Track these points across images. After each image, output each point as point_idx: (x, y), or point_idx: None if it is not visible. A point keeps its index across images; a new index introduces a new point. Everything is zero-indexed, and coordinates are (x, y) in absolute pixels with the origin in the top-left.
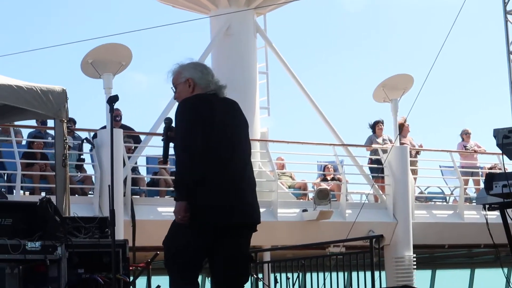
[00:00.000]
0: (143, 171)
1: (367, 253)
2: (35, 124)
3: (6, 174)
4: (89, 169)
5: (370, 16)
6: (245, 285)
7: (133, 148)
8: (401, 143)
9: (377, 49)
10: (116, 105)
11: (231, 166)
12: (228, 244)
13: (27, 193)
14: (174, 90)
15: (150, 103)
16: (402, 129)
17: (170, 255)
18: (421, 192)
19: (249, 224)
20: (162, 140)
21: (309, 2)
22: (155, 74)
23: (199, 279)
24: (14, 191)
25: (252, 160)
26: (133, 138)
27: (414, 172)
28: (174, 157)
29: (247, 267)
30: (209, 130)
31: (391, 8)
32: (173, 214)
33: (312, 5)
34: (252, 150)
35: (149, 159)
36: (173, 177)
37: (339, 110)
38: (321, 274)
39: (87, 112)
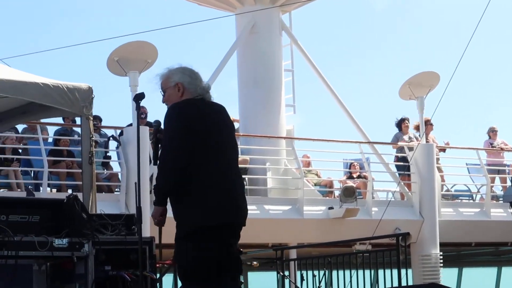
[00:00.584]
0: None
1: (393, 251)
2: (62, 122)
3: (33, 172)
4: (115, 167)
5: (396, 13)
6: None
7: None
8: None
9: (403, 46)
10: (142, 103)
11: (221, 170)
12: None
13: (54, 190)
14: (163, 93)
15: None
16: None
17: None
18: (448, 190)
19: (242, 224)
20: (152, 142)
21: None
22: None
23: None
24: (41, 188)
25: (278, 157)
26: None
27: (439, 169)
28: None
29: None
30: (198, 135)
31: (417, 4)
32: None
33: (338, 3)
34: (278, 148)
35: None
36: None
37: (365, 108)
38: (347, 272)
39: (113, 109)
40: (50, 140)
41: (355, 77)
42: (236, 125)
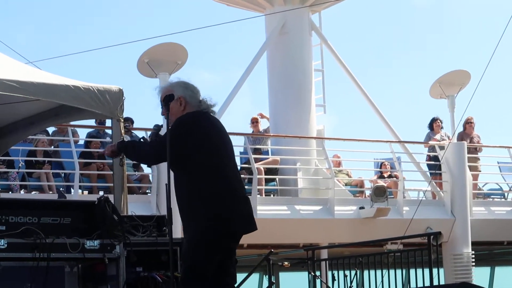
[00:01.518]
0: None
1: (425, 250)
2: (93, 124)
3: (64, 174)
4: (146, 168)
5: (427, 12)
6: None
7: None
8: (464, 140)
9: (434, 45)
10: None
11: (234, 178)
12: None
13: (85, 192)
14: (163, 106)
15: None
16: (465, 127)
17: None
18: (479, 189)
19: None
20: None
21: None
22: (212, 72)
23: (257, 277)
24: (73, 190)
25: (308, 158)
26: None
27: (474, 168)
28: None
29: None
30: (213, 143)
31: (448, 2)
32: None
33: (366, 2)
34: (308, 148)
35: None
36: None
37: (395, 107)
38: (378, 272)
39: (143, 111)
40: (81, 142)
41: (386, 76)
42: (266, 124)
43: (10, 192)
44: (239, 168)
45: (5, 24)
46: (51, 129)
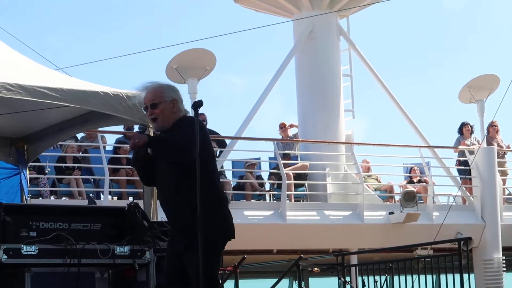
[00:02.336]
0: (229, 175)
1: (455, 255)
2: (121, 130)
3: (94, 180)
4: None
5: (456, 16)
6: None
7: (217, 152)
8: (490, 144)
9: (463, 49)
10: (200, 110)
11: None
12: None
13: (115, 198)
14: (153, 107)
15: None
16: (489, 130)
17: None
18: (509, 193)
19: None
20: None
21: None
22: (242, 77)
23: (287, 282)
24: (102, 196)
25: (337, 163)
26: (217, 142)
27: (503, 173)
28: None
29: None
30: (212, 153)
31: (477, 6)
32: (256, 217)
33: (394, 7)
34: (337, 153)
35: (234, 163)
36: (258, 181)
37: (424, 112)
38: (409, 277)
39: None
40: (109, 148)
41: (414, 81)
42: (295, 130)
43: (41, 198)
44: (268, 173)
45: (35, 30)
46: (79, 135)
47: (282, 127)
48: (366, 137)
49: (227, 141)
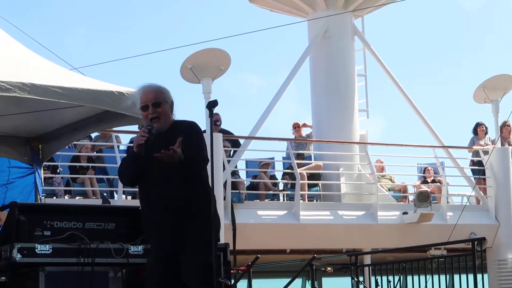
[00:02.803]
0: (242, 174)
1: (469, 255)
2: (136, 130)
3: (108, 179)
4: None
5: (471, 16)
6: None
7: (231, 151)
8: (502, 144)
9: (478, 49)
10: (215, 110)
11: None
12: None
13: (129, 197)
14: (156, 106)
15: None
16: (502, 130)
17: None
18: None
19: None
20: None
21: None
22: (257, 76)
23: (300, 282)
24: (116, 195)
25: (351, 163)
26: (231, 142)
27: None
28: None
29: None
30: None
31: (493, 5)
32: (270, 217)
33: (408, 7)
34: (351, 153)
35: (248, 163)
36: (272, 181)
37: (439, 112)
38: (422, 277)
39: (187, 117)
40: (123, 147)
41: (429, 81)
42: (309, 130)
43: (55, 198)
44: (282, 173)
45: (50, 29)
46: (93, 134)
47: (296, 127)
48: (383, 136)
49: (241, 141)
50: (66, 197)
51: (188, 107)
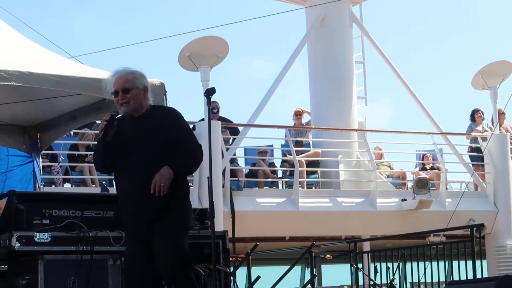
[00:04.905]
0: (241, 162)
1: (468, 242)
2: None
3: None
4: None
5: (468, 2)
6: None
7: (230, 139)
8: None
9: (476, 36)
10: (213, 97)
11: None
12: None
13: None
14: (126, 91)
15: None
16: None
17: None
18: None
19: None
20: (104, 125)
21: None
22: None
23: (299, 269)
24: (115, 183)
25: (350, 150)
26: (230, 130)
27: None
28: None
29: None
30: None
31: None
32: (269, 204)
33: None
34: (350, 140)
35: (247, 151)
36: (271, 168)
37: (437, 98)
38: (421, 264)
39: (185, 104)
40: None
41: (427, 68)
42: (308, 117)
43: (53, 186)
44: (280, 161)
45: (49, 18)
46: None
47: (297, 114)
48: (378, 124)
49: (240, 128)
50: (65, 185)
51: (186, 95)
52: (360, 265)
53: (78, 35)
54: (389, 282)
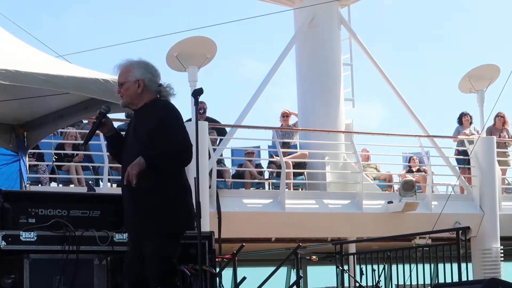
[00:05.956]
0: (228, 163)
1: (453, 245)
2: (122, 117)
3: (93, 167)
4: None
5: (455, 5)
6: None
7: (217, 140)
8: (493, 134)
9: (463, 39)
10: (200, 98)
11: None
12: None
13: (114, 185)
14: (120, 86)
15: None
16: (495, 121)
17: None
18: (508, 183)
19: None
20: (93, 123)
21: None
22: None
23: (285, 270)
24: (102, 183)
25: (337, 152)
26: (217, 130)
27: (503, 163)
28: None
29: None
30: None
31: None
32: (255, 205)
33: None
34: (336, 142)
35: (234, 151)
36: (257, 169)
37: (424, 101)
38: (407, 266)
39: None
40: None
41: (415, 71)
42: (295, 119)
43: (40, 185)
44: (267, 162)
45: (36, 17)
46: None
47: (284, 116)
48: (365, 126)
49: (227, 129)
50: (51, 184)
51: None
52: (346, 267)
53: (66, 34)
54: (374, 284)
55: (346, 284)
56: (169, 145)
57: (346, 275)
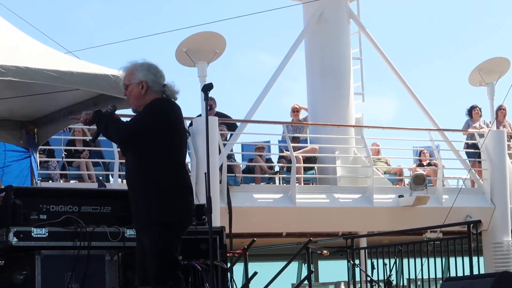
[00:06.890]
0: (238, 158)
1: (464, 238)
2: (132, 113)
3: (104, 163)
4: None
5: None
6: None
7: (228, 135)
8: (497, 128)
9: (473, 32)
10: (210, 93)
11: (183, 171)
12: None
13: (124, 181)
14: (125, 88)
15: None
16: (497, 114)
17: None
18: None
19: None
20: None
21: None
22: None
23: (296, 265)
24: (112, 179)
25: (347, 146)
26: (228, 125)
27: (510, 156)
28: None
29: None
30: (174, 136)
31: None
32: (266, 200)
33: None
34: (347, 136)
35: (244, 146)
36: (268, 164)
37: (434, 95)
38: (418, 260)
39: (182, 100)
40: None
41: (425, 64)
42: (305, 113)
43: (50, 181)
44: (278, 157)
45: (46, 13)
46: None
47: (295, 111)
48: (376, 120)
49: (237, 124)
50: (62, 181)
51: (183, 91)
52: (357, 261)
53: (76, 30)
54: (386, 278)
55: (357, 278)
56: (123, 125)
57: (357, 270)
